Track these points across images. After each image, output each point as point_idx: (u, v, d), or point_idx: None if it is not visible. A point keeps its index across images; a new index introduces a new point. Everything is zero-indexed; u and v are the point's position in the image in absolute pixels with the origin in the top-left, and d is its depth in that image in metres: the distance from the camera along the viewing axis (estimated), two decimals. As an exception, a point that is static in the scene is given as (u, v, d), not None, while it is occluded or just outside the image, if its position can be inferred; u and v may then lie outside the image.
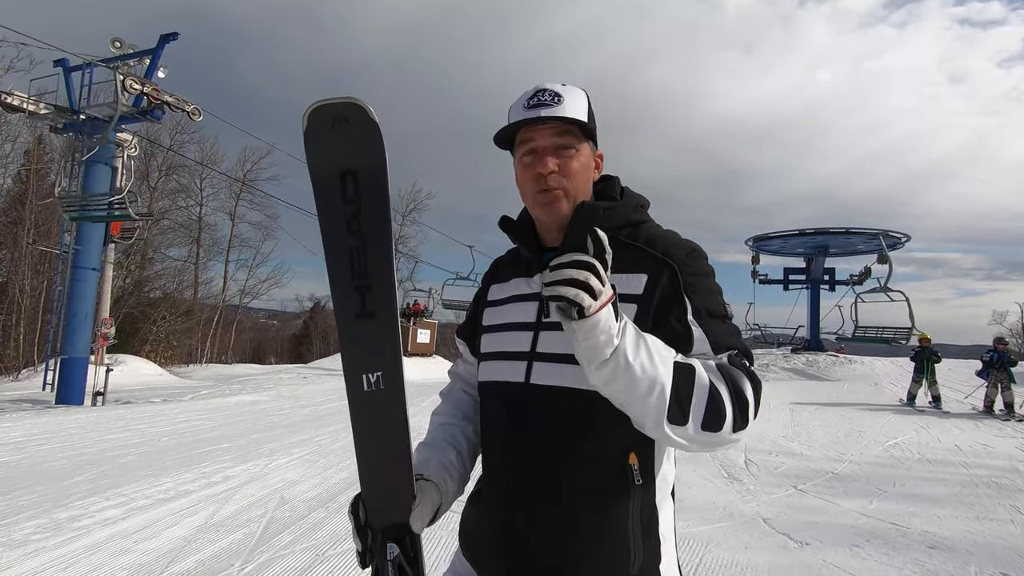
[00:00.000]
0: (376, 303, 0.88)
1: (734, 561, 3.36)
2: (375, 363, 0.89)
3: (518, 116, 1.02)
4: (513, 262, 1.16)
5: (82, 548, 3.22)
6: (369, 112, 0.83)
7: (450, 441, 1.11)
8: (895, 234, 20.07)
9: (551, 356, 0.99)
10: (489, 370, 1.09)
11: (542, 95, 1.01)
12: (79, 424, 7.43)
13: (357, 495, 0.95)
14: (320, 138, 0.84)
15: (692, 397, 0.84)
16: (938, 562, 3.44)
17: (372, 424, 0.91)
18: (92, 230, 11.93)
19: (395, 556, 0.89)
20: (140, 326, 23.28)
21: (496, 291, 1.15)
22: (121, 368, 15.51)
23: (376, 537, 0.91)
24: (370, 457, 0.92)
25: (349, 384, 0.89)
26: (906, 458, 6.58)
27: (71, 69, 12.22)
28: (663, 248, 1.00)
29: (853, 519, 4.27)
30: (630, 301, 0.97)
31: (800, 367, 15.47)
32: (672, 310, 0.95)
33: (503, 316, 1.10)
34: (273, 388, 13.79)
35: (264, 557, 3.17)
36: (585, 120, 1.02)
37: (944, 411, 9.99)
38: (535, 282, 1.06)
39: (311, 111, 0.82)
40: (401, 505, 0.92)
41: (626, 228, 1.05)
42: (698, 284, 0.98)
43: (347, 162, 0.85)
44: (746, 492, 4.94)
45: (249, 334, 43.66)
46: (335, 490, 4.55)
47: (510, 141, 1.07)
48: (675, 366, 0.84)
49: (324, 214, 0.86)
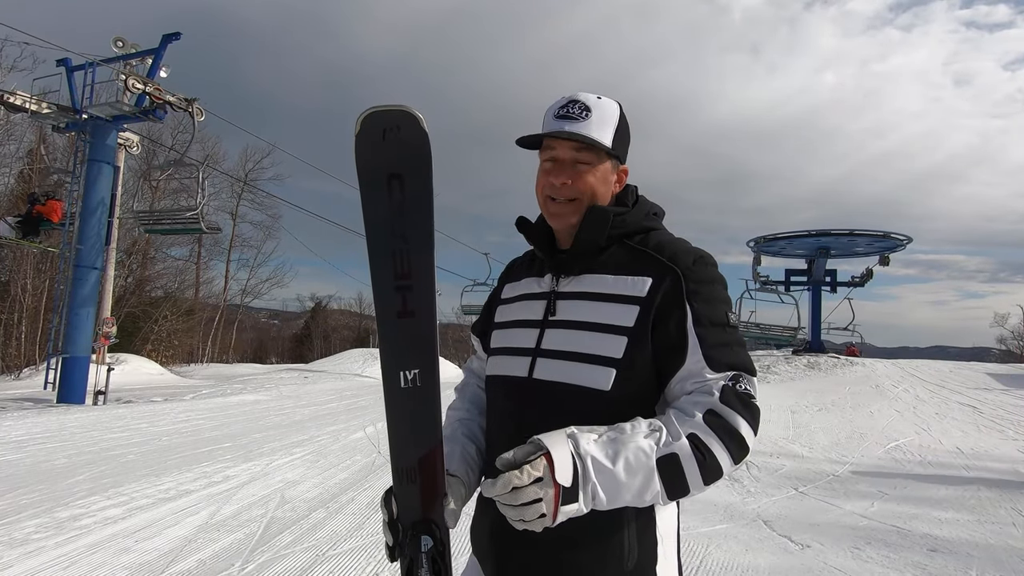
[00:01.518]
0: (416, 303, 0.90)
1: (735, 563, 3.35)
2: (413, 361, 0.91)
3: (548, 123, 1.06)
4: (528, 262, 1.19)
5: (83, 547, 3.22)
6: (420, 121, 0.86)
7: (469, 436, 1.14)
8: (897, 236, 20.03)
9: (555, 353, 1.01)
10: (496, 365, 1.12)
11: (572, 107, 1.04)
12: (80, 423, 7.44)
13: (389, 489, 0.97)
14: (371, 142, 0.86)
15: (685, 476, 0.88)
16: (939, 565, 3.43)
17: (407, 420, 0.93)
18: (93, 230, 11.95)
19: (429, 548, 0.91)
20: (142, 325, 23.32)
21: (509, 290, 1.19)
22: (122, 367, 15.53)
23: (408, 531, 0.93)
24: (404, 453, 0.94)
25: (386, 380, 0.91)
26: (907, 460, 6.57)
27: (73, 68, 12.24)
28: (670, 254, 1.02)
29: (854, 521, 4.26)
30: (633, 303, 0.98)
31: (801, 369, 15.44)
32: (672, 315, 0.96)
33: (512, 313, 1.13)
34: (274, 388, 13.80)
35: (265, 557, 3.17)
36: (607, 143, 1.04)
37: None
38: (545, 281, 1.09)
39: (364, 116, 0.85)
40: (433, 500, 0.94)
41: (637, 234, 1.07)
42: (701, 291, 0.98)
43: (395, 167, 0.87)
44: (747, 494, 4.93)
45: (250, 334, 43.73)
46: (336, 490, 4.55)
47: (537, 143, 1.11)
48: (658, 464, 0.87)
49: (370, 215, 0.89)
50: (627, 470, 0.85)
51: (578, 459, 0.85)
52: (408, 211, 0.88)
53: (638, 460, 0.86)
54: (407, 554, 0.92)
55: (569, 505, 0.83)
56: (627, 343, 0.97)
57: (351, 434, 7.12)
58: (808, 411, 9.83)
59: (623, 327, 0.97)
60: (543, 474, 0.82)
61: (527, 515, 0.82)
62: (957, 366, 15.59)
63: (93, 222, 11.94)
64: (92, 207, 11.90)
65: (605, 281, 1.02)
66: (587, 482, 0.84)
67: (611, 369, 0.96)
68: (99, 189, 11.99)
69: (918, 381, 12.80)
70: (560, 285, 1.06)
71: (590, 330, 1.00)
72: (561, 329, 1.02)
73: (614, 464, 0.85)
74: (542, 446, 0.85)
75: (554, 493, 0.82)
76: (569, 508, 0.84)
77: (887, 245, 20.41)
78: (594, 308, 1.01)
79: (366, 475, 5.11)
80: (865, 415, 9.47)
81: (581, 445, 0.86)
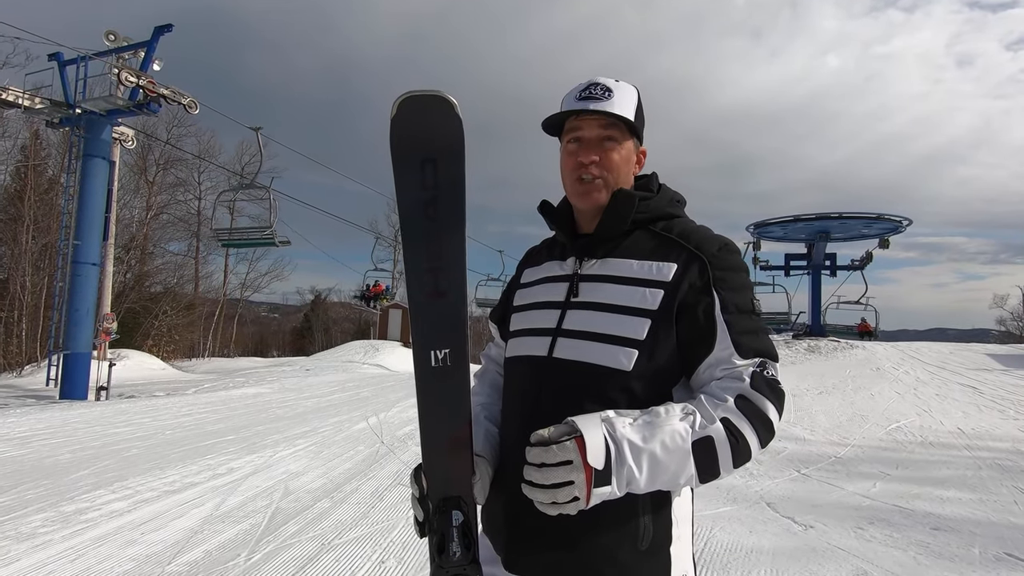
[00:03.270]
0: (448, 284, 0.92)
1: (739, 545, 3.37)
2: (444, 340, 0.93)
3: (569, 105, 1.07)
4: (548, 247, 1.20)
5: (89, 540, 3.24)
6: (455, 107, 0.87)
7: (491, 419, 1.16)
8: (896, 218, 19.98)
9: (576, 333, 1.02)
10: (516, 346, 1.13)
11: (594, 88, 1.06)
12: (83, 419, 7.46)
13: (418, 466, 0.98)
14: (406, 126, 0.88)
15: (718, 459, 0.90)
16: (942, 543, 3.45)
17: (438, 399, 0.95)
18: (92, 225, 11.91)
19: (460, 523, 0.93)
20: (142, 321, 23.32)
21: (529, 274, 1.19)
22: (124, 363, 15.55)
23: (439, 506, 0.95)
24: (434, 430, 0.96)
25: (417, 360, 0.93)
26: (909, 441, 6.59)
27: (66, 63, 12.13)
28: (696, 242, 1.03)
29: (857, 502, 4.28)
30: (658, 287, 0.99)
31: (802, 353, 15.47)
32: (700, 303, 0.98)
33: (534, 296, 1.14)
34: (276, 381, 13.83)
35: (270, 547, 3.18)
36: (631, 118, 1.06)
37: None
38: (568, 264, 1.10)
39: (401, 100, 0.87)
40: (463, 477, 0.96)
41: (661, 221, 1.08)
42: (728, 279, 1.00)
43: (428, 151, 0.89)
44: (750, 476, 4.95)
45: (251, 328, 43.77)
46: (340, 480, 4.57)
47: (558, 128, 1.12)
48: (693, 447, 0.88)
49: (403, 198, 0.91)
50: (664, 452, 0.87)
51: (612, 443, 0.86)
52: (441, 195, 0.90)
53: (674, 443, 0.88)
54: (437, 529, 0.93)
55: (602, 488, 0.84)
56: (650, 325, 0.98)
57: (354, 425, 7.14)
58: (809, 394, 9.85)
59: (647, 310, 0.98)
60: (572, 457, 0.83)
61: (560, 497, 0.83)
62: (957, 347, 15.63)
63: (90, 218, 11.89)
64: (88, 203, 11.84)
65: (630, 266, 1.02)
66: (622, 465, 0.85)
67: (633, 350, 0.97)
68: (95, 184, 11.94)
69: (918, 363, 12.83)
70: (583, 268, 1.07)
71: (613, 312, 1.00)
72: (584, 310, 1.03)
73: (650, 447, 0.87)
74: (576, 428, 0.86)
75: (586, 476, 0.83)
76: (602, 491, 0.85)
77: (886, 228, 20.37)
78: (618, 291, 1.01)
79: (369, 465, 5.12)
80: (866, 397, 9.50)
81: (617, 429, 0.87)
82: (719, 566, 3.06)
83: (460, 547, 0.91)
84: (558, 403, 1.00)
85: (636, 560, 0.96)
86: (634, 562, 0.96)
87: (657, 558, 0.97)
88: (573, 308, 1.04)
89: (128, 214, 25.06)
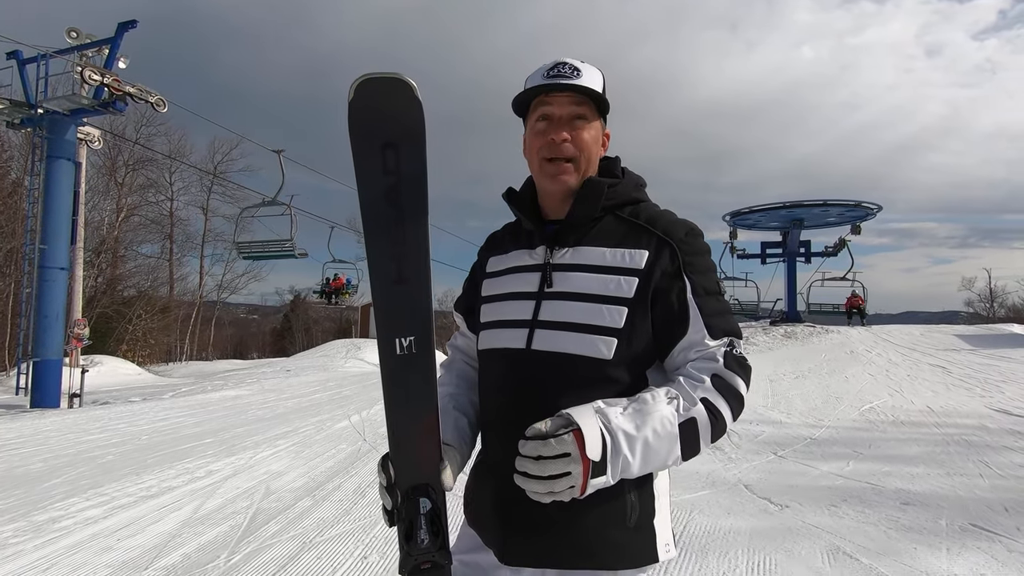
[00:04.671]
0: (410, 270, 0.91)
1: (717, 527, 3.44)
2: (408, 328, 0.92)
3: (537, 83, 1.05)
4: (513, 233, 1.19)
5: (63, 548, 3.17)
6: (414, 89, 0.86)
7: (460, 408, 1.15)
8: (867, 204, 20.40)
9: (553, 324, 1.02)
10: (490, 338, 1.12)
11: (562, 67, 1.05)
12: (56, 426, 7.28)
13: (386, 455, 0.98)
14: (365, 110, 0.86)
15: (700, 438, 0.94)
16: (912, 517, 3.57)
17: (403, 387, 0.94)
18: (59, 229, 11.57)
19: (428, 510, 0.93)
20: (115, 325, 22.79)
21: (495, 263, 1.17)
22: (98, 369, 15.20)
23: (407, 494, 0.95)
24: (401, 419, 0.95)
25: (382, 348, 0.92)
26: (881, 421, 6.78)
27: (25, 61, 11.73)
28: (663, 227, 1.04)
29: (831, 481, 4.40)
30: (632, 275, 1.01)
31: (779, 339, 15.77)
32: (673, 288, 1.00)
33: (504, 286, 1.12)
34: (256, 382, 13.65)
35: (251, 547, 3.15)
36: (601, 91, 1.06)
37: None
38: (538, 253, 1.09)
39: (358, 84, 0.85)
40: (430, 464, 0.96)
41: (627, 206, 1.09)
42: (696, 263, 1.03)
43: (389, 135, 0.88)
44: (728, 460, 5.05)
45: (229, 329, 43.11)
46: (321, 479, 4.54)
47: (524, 108, 1.10)
48: (680, 429, 0.92)
49: (364, 183, 0.89)
50: (655, 439, 0.90)
51: (608, 434, 0.88)
52: (402, 180, 0.89)
53: (664, 428, 0.91)
54: (405, 517, 0.94)
55: (598, 478, 0.87)
56: (627, 313, 0.99)
57: (336, 423, 7.09)
58: (786, 379, 10.06)
59: (623, 298, 1.00)
60: (571, 450, 0.85)
61: (557, 487, 0.85)
62: (928, 329, 16.06)
63: (57, 221, 11.55)
64: (54, 206, 11.50)
65: (602, 254, 1.03)
66: (617, 456, 0.88)
67: (612, 339, 0.99)
68: (61, 187, 11.57)
69: (890, 345, 13.17)
70: (555, 257, 1.06)
71: (590, 301, 1.01)
72: (559, 300, 1.03)
73: (643, 434, 0.89)
74: (572, 421, 0.87)
75: (583, 468, 0.85)
76: (597, 481, 0.87)
77: (857, 214, 20.78)
78: (593, 279, 1.02)
79: (352, 463, 5.10)
80: (840, 380, 9.73)
81: (611, 420, 0.89)
82: (697, 548, 3.12)
83: (428, 534, 0.92)
84: (541, 393, 1.01)
85: (626, 537, 0.99)
86: (624, 539, 0.99)
87: (644, 533, 1.01)
88: (548, 299, 1.04)
89: (97, 216, 24.42)
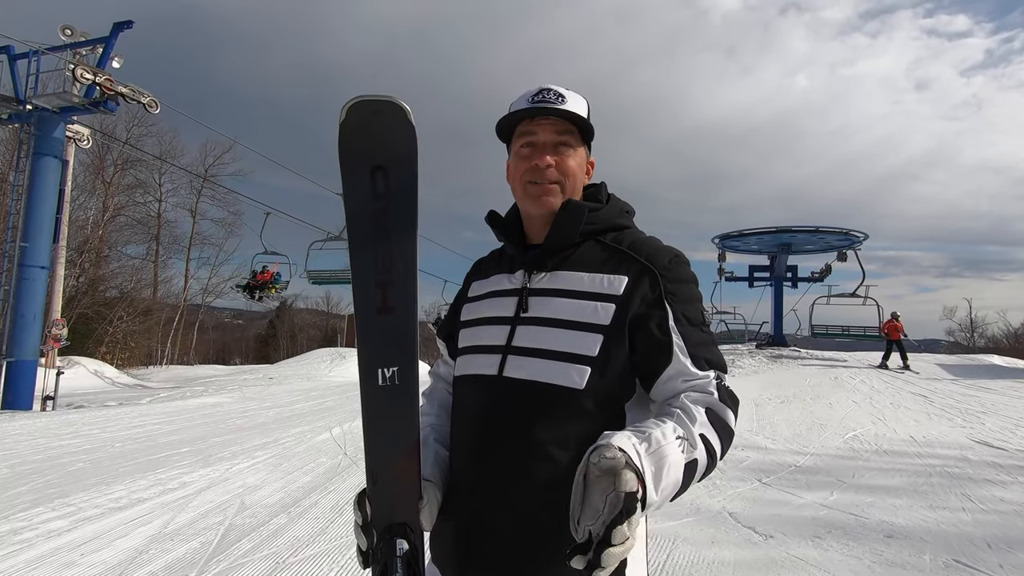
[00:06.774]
0: (396, 299, 0.88)
1: (700, 558, 3.38)
2: (391, 359, 0.89)
3: (520, 108, 1.03)
4: (496, 259, 1.17)
5: (23, 563, 3.04)
6: (407, 114, 0.83)
7: (441, 440, 1.11)
8: (855, 233, 20.71)
9: (526, 350, 0.99)
10: (465, 364, 1.09)
11: (546, 93, 1.03)
12: (26, 430, 7.06)
13: (362, 491, 0.93)
14: (356, 133, 0.84)
15: (694, 480, 0.91)
16: (895, 551, 3.54)
17: (384, 419, 0.90)
18: (41, 227, 11.37)
19: (405, 552, 0.88)
20: (95, 327, 22.38)
21: (477, 287, 1.15)
22: (75, 371, 14.87)
23: (383, 534, 0.90)
24: (379, 452, 0.91)
25: (363, 378, 0.88)
26: (864, 449, 6.78)
27: (16, 57, 11.61)
28: (646, 254, 1.02)
29: (815, 511, 4.37)
30: (609, 301, 0.97)
31: (764, 362, 15.85)
32: (653, 316, 0.97)
33: (481, 311, 1.10)
34: (237, 390, 13.41)
35: (221, 566, 3.04)
36: (586, 116, 1.04)
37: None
38: (517, 277, 1.06)
39: (351, 105, 0.82)
40: (408, 503, 0.91)
41: (611, 232, 1.07)
42: (679, 291, 0.99)
43: (380, 158, 0.85)
44: (713, 487, 5.00)
45: (213, 334, 42.53)
46: (298, 494, 4.42)
47: (508, 133, 1.09)
48: (685, 470, 0.88)
49: (352, 206, 0.86)
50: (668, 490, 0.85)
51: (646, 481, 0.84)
52: (391, 205, 0.86)
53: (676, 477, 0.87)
54: (380, 559, 0.88)
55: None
56: (603, 341, 0.96)
57: (316, 436, 6.95)
58: (771, 403, 10.07)
59: (599, 325, 0.96)
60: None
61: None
62: (912, 358, 16.24)
63: (40, 219, 11.37)
64: (38, 203, 11.32)
65: (580, 279, 1.00)
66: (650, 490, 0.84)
67: (586, 367, 0.95)
68: (46, 184, 11.43)
69: (874, 372, 13.28)
70: (532, 281, 1.04)
71: (564, 327, 0.97)
72: (533, 326, 1.00)
73: (664, 494, 0.85)
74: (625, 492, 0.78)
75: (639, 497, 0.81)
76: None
77: (844, 242, 21.09)
78: (569, 305, 0.99)
79: (331, 478, 4.98)
80: (824, 406, 9.76)
81: (648, 480, 0.82)
82: (681, 579, 3.06)
83: None
84: (511, 421, 0.97)
85: None
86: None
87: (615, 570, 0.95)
88: (523, 324, 1.01)
89: (82, 215, 24.10)
